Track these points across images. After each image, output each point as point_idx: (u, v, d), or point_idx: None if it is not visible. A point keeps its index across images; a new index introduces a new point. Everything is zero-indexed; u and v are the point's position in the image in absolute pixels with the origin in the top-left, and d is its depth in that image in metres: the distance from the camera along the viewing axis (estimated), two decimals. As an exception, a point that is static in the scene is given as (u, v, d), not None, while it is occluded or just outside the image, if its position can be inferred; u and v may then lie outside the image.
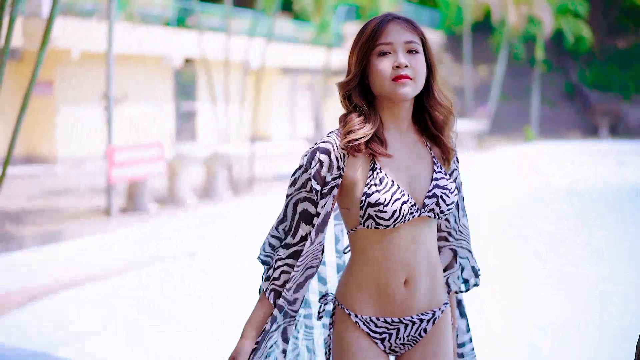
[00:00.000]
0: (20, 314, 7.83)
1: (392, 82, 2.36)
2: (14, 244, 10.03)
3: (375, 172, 2.36)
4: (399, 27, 2.41)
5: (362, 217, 2.37)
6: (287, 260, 2.45)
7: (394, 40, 2.38)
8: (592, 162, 25.94)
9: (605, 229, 13.50)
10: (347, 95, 2.45)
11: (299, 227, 2.43)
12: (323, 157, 2.36)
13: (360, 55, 2.43)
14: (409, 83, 2.36)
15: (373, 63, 2.39)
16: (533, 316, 8.13)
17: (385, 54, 2.38)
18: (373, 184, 2.35)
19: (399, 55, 2.37)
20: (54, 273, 9.13)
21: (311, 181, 2.39)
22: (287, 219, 2.47)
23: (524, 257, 11.27)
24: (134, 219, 11.93)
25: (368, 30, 2.44)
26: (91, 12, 20.00)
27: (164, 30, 22.04)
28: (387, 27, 2.41)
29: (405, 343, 2.54)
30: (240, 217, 13.30)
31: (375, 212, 2.35)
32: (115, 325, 7.98)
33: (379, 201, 2.34)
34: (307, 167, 2.39)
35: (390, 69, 2.36)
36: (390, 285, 2.45)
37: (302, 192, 2.41)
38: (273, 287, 2.45)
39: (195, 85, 24.53)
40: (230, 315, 8.49)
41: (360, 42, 2.44)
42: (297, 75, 30.02)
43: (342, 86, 2.46)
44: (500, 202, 17.32)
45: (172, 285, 9.57)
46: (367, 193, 2.35)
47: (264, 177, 18.24)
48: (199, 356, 7.08)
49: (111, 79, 12.35)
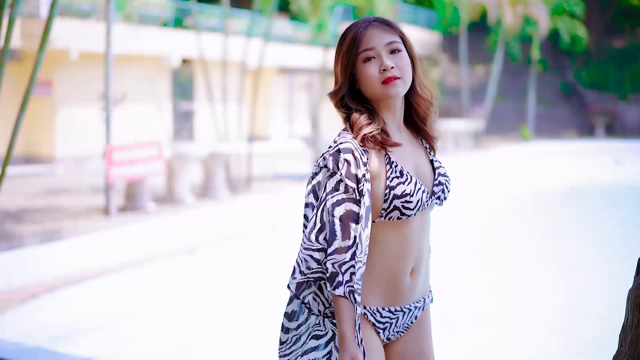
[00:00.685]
0: (22, 310, 7.91)
1: (382, 85, 2.46)
2: (15, 242, 10.12)
3: (393, 165, 2.47)
4: (377, 31, 2.49)
5: (385, 210, 2.45)
6: (351, 262, 2.39)
7: (376, 44, 2.47)
8: (588, 162, 26.03)
9: (603, 226, 13.58)
10: (341, 104, 2.54)
11: (349, 229, 2.39)
12: (348, 156, 2.41)
13: (344, 63, 2.51)
14: (398, 82, 2.48)
15: (360, 70, 2.48)
16: (530, 315, 8.13)
17: (370, 59, 2.48)
18: (395, 177, 2.45)
19: (384, 58, 2.47)
20: (55, 270, 9.22)
21: (345, 181, 2.40)
22: (326, 226, 2.42)
23: (520, 256, 11.31)
24: (133, 218, 12.03)
25: (348, 38, 2.50)
26: (89, 12, 20.08)
27: (161, 31, 22.14)
28: (367, 33, 2.48)
29: (399, 331, 2.64)
30: (238, 216, 13.40)
31: (402, 203, 2.43)
32: (115, 322, 8.07)
33: (405, 192, 2.44)
34: (336, 170, 2.41)
35: (378, 73, 2.46)
36: (400, 274, 2.53)
37: (337, 195, 2.41)
38: (349, 288, 2.38)
39: (193, 85, 24.63)
40: (229, 311, 8.60)
41: (342, 51, 2.51)
42: (294, 75, 30.14)
43: (333, 96, 2.55)
44: (497, 201, 17.41)
45: (171, 282, 9.67)
46: (391, 186, 2.45)
47: (262, 177, 18.34)
48: (198, 352, 7.17)
49: (110, 79, 12.45)
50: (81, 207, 12.99)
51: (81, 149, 19.95)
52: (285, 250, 11.33)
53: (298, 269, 2.47)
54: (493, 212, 15.84)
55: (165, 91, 23.09)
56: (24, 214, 12.22)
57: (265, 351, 6.84)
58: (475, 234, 13.27)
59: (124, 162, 12.32)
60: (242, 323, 8.11)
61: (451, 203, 3.23)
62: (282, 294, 8.85)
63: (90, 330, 7.77)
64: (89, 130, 19.74)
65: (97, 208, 12.89)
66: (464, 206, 15.05)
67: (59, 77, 19.47)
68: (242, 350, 7.22)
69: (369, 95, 2.51)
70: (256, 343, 7.23)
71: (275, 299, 8.57)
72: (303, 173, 19.50)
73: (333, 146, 2.46)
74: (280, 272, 9.88)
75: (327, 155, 2.44)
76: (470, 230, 13.66)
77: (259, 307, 8.44)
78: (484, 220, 14.77)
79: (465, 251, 11.66)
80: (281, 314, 2.64)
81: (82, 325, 7.89)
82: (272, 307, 8.31)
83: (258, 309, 8.40)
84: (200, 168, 15.39)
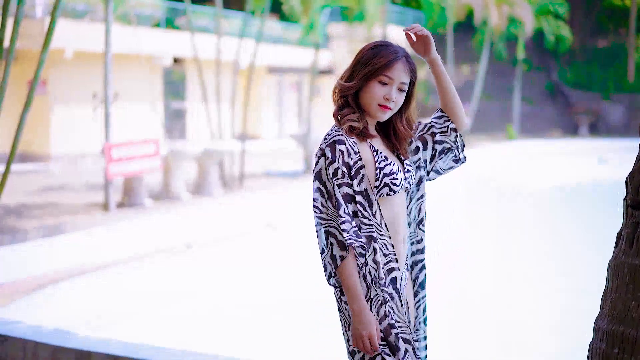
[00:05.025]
0: (27, 301, 8.07)
1: (377, 106, 3.00)
2: (19, 237, 10.41)
3: (379, 152, 3.01)
4: (403, 68, 3.00)
5: (377, 187, 2.95)
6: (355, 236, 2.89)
7: (396, 78, 2.99)
8: (573, 160, 26.33)
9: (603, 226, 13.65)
10: (343, 95, 3.05)
11: (349, 208, 2.89)
12: (342, 147, 2.93)
13: (367, 72, 3.00)
14: (389, 112, 3.02)
15: (371, 85, 2.99)
16: (530, 315, 8.24)
17: (384, 84, 2.99)
18: (382, 160, 2.98)
19: (392, 91, 2.99)
20: (58, 263, 9.42)
21: (341, 168, 2.91)
22: (337, 204, 2.90)
23: (520, 256, 11.41)
24: (131, 214, 12.33)
25: (383, 60, 2.99)
26: (84, 12, 20.34)
27: (154, 31, 22.43)
28: (396, 65, 2.99)
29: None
30: (233, 213, 13.69)
31: (390, 180, 2.96)
32: (115, 322, 8.20)
33: (392, 171, 2.98)
34: (334, 159, 2.91)
35: (381, 97, 2.98)
36: (396, 241, 3.04)
37: (335, 180, 2.91)
38: (360, 250, 2.90)
39: (185, 85, 24.92)
40: (226, 303, 8.85)
41: (372, 62, 3.00)
42: (283, 74, 30.46)
43: (343, 88, 3.04)
44: (483, 200, 17.70)
45: (170, 278, 9.86)
46: (380, 167, 2.97)
47: (254, 174, 18.67)
48: (196, 344, 7.32)
49: (109, 78, 12.76)
50: (80, 204, 13.27)
51: (76, 147, 20.20)
52: (283, 250, 11.65)
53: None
54: (493, 211, 15.93)
55: (157, 90, 23.36)
56: (25, 210, 12.48)
57: (266, 351, 7.08)
58: (475, 234, 13.40)
59: (122, 158, 12.63)
60: (239, 314, 8.31)
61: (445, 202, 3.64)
62: (282, 294, 9.10)
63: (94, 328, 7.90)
64: (84, 129, 20.01)
65: (95, 204, 13.18)
66: (459, 205, 15.29)
67: (54, 76, 19.72)
68: (242, 350, 7.32)
69: (363, 102, 3.03)
70: (256, 343, 7.32)
71: (275, 299, 8.87)
72: (294, 171, 19.84)
73: (328, 139, 2.96)
74: (280, 272, 10.22)
75: (324, 146, 2.94)
76: (470, 230, 13.80)
77: (259, 307, 8.53)
78: (482, 220, 14.87)
79: (465, 251, 11.80)
80: (281, 314, 3.07)
81: (86, 318, 8.05)
82: (272, 307, 8.57)
83: (258, 309, 8.48)
84: (194, 166, 15.71)
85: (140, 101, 22.03)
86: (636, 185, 2.68)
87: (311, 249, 3.64)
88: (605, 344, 2.66)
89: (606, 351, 2.65)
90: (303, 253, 10.54)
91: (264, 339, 7.39)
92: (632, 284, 2.62)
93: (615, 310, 2.66)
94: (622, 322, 2.62)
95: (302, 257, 10.57)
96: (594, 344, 2.74)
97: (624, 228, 2.74)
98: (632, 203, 2.70)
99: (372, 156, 2.98)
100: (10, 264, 9.36)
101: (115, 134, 19.02)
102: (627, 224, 2.72)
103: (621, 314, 2.63)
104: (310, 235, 4.22)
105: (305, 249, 9.93)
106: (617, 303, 2.66)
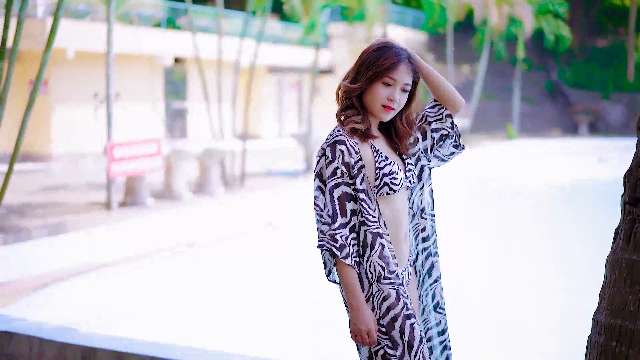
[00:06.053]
0: (28, 301, 8.07)
1: (380, 107, 3.04)
2: (21, 236, 10.47)
3: (379, 152, 3.05)
4: (406, 69, 3.05)
5: (377, 187, 3.01)
6: (352, 235, 2.95)
7: (399, 79, 3.03)
8: (573, 160, 26.34)
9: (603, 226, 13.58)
10: (347, 96, 3.09)
11: (346, 207, 2.95)
12: (342, 147, 2.98)
13: (372, 74, 3.04)
14: (392, 112, 3.06)
15: (375, 86, 3.04)
16: (530, 315, 8.21)
17: (388, 85, 3.04)
18: (382, 160, 3.03)
19: (396, 92, 3.04)
20: (59, 263, 9.47)
21: (340, 168, 2.95)
22: (328, 205, 2.96)
23: (520, 256, 11.39)
24: (134, 213, 12.38)
25: (387, 62, 3.04)
26: (85, 12, 20.40)
27: (154, 31, 22.48)
28: (400, 66, 3.04)
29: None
30: (235, 212, 13.74)
31: (390, 180, 3.01)
32: (115, 322, 8.23)
33: (392, 170, 3.02)
34: (333, 159, 2.96)
35: (385, 98, 3.03)
36: (399, 240, 3.10)
37: (334, 179, 2.96)
38: (355, 259, 2.95)
39: (186, 84, 24.98)
40: (226, 303, 8.88)
41: (377, 64, 3.04)
42: (283, 74, 30.52)
43: (348, 91, 3.08)
44: (483, 199, 17.72)
45: (172, 276, 9.90)
46: (380, 167, 3.02)
47: (255, 173, 18.72)
48: (197, 343, 7.36)
49: (111, 79, 12.81)
50: (82, 203, 13.33)
51: (77, 147, 20.25)
52: (284, 250, 11.67)
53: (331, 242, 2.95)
54: (493, 211, 15.90)
55: (158, 90, 23.42)
56: (27, 209, 12.54)
57: (266, 351, 7.09)
58: (474, 234, 13.40)
59: (125, 158, 12.69)
60: (239, 312, 8.33)
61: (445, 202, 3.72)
62: (282, 294, 9.13)
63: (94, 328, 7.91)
64: (85, 129, 20.06)
65: (98, 203, 13.23)
66: (459, 204, 15.32)
67: (55, 76, 19.78)
68: (242, 350, 7.33)
69: (366, 103, 3.07)
70: (256, 343, 7.32)
71: (275, 299, 8.90)
72: (294, 170, 19.89)
73: (329, 139, 3.00)
74: (280, 272, 10.25)
75: (326, 146, 2.98)
76: (470, 229, 13.80)
77: (259, 307, 8.54)
78: (482, 220, 14.87)
79: (465, 251, 11.78)
80: (281, 314, 3.11)
81: (87, 318, 8.08)
82: (272, 307, 8.58)
83: (258, 308, 8.49)
84: (196, 165, 15.76)
85: (142, 101, 22.08)
86: (633, 182, 2.75)
87: (311, 249, 3.66)
88: (604, 337, 2.73)
89: (604, 344, 2.71)
90: (303, 253, 10.57)
91: (264, 339, 7.42)
92: (630, 278, 2.69)
93: (613, 304, 2.72)
94: (619, 315, 2.68)
95: (302, 256, 10.59)
96: (593, 337, 2.81)
97: (621, 224, 2.81)
98: (629, 200, 2.76)
99: (372, 156, 3.03)
100: (12, 263, 9.40)
101: (117, 134, 19.11)
102: (625, 220, 2.78)
103: (619, 308, 2.69)
104: (310, 235, 4.26)
105: (305, 248, 9.98)
106: (615, 297, 2.73)
